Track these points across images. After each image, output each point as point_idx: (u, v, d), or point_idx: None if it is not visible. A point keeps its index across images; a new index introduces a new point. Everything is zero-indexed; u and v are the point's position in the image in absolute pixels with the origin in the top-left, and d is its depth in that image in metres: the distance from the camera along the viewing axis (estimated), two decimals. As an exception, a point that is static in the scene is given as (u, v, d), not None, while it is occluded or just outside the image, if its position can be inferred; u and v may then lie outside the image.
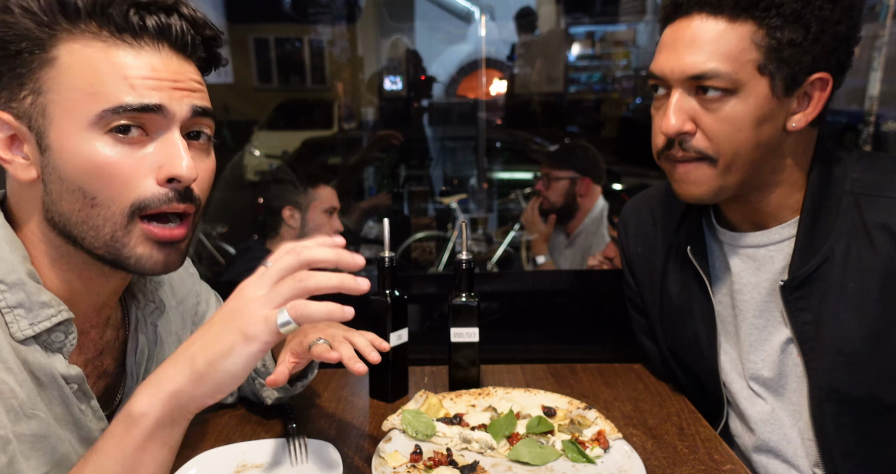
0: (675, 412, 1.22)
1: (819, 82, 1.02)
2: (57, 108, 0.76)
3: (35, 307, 0.79)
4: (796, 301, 1.09)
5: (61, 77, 0.76)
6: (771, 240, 1.13)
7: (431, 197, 4.21)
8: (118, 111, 0.75)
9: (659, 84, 1.07)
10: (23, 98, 0.77)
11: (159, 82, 0.78)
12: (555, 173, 2.82)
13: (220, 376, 0.72)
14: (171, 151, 0.79)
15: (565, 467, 1.02)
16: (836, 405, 1.07)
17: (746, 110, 1.00)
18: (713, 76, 0.99)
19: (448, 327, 1.27)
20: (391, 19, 4.70)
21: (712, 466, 1.03)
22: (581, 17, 4.90)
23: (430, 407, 1.16)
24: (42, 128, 0.77)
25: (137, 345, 0.98)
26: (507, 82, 4.70)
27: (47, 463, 0.81)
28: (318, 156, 4.18)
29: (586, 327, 1.83)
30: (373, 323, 1.24)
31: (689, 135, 1.04)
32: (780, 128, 1.04)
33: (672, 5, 1.04)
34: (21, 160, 0.79)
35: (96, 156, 0.76)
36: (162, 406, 0.72)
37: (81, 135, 0.76)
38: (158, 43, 0.79)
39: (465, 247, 1.25)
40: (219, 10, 4.34)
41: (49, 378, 0.82)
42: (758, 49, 0.98)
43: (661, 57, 1.05)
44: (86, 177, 0.76)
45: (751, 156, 1.04)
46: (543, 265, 2.82)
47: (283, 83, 4.98)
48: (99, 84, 0.75)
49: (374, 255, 3.48)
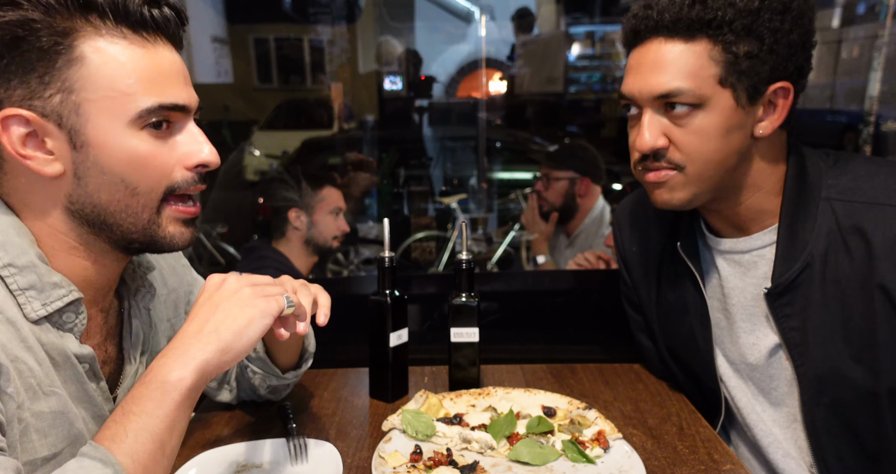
0: (675, 412, 1.22)
1: (781, 91, 1.05)
2: (93, 106, 0.80)
3: (47, 288, 0.83)
4: (781, 307, 1.10)
5: (93, 76, 0.80)
6: (752, 245, 1.15)
7: (431, 197, 4.22)
8: (155, 110, 0.83)
9: (630, 104, 1.12)
10: (49, 96, 0.79)
11: (178, 79, 0.86)
12: (554, 173, 2.82)
13: (242, 344, 0.85)
14: (194, 140, 0.89)
15: (565, 467, 1.03)
16: (826, 411, 1.08)
17: (714, 122, 1.04)
18: (678, 93, 1.04)
19: (448, 327, 1.27)
20: (391, 19, 4.70)
21: (712, 466, 1.03)
22: (581, 17, 4.90)
23: (430, 407, 1.16)
24: (77, 126, 0.81)
25: (132, 329, 1.01)
26: (506, 82, 4.70)
27: (65, 439, 0.84)
28: (318, 156, 4.19)
29: (586, 327, 1.84)
30: (373, 323, 1.24)
31: (664, 149, 1.08)
32: (749, 135, 1.07)
33: (632, 32, 1.09)
34: (44, 156, 0.81)
35: (138, 150, 0.83)
36: (193, 373, 0.81)
37: (122, 131, 0.82)
38: (164, 37, 0.85)
39: (465, 247, 1.25)
40: (219, 10, 4.34)
41: (63, 357, 0.85)
42: (716, 64, 1.02)
43: (629, 79, 1.10)
44: (129, 169, 0.84)
45: (723, 163, 1.07)
46: (543, 265, 2.82)
47: (283, 83, 4.98)
48: (134, 84, 0.81)
49: (374, 255, 3.48)
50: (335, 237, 2.44)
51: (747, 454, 1.23)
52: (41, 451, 0.81)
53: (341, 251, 3.49)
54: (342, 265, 3.62)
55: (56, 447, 0.83)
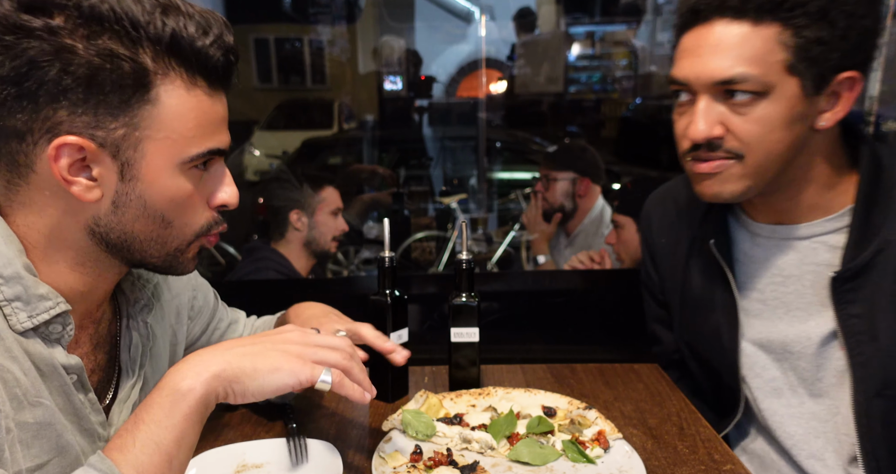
0: (675, 412, 1.22)
1: (847, 81, 1.01)
2: (152, 145, 0.82)
3: (33, 300, 0.81)
4: (846, 293, 1.07)
5: (161, 117, 0.81)
6: (813, 231, 1.12)
7: (431, 197, 4.22)
8: (205, 155, 0.86)
9: (682, 89, 1.06)
10: (113, 128, 0.79)
11: (225, 124, 0.90)
12: (554, 173, 2.82)
13: (254, 384, 0.83)
14: (222, 180, 0.92)
15: (565, 467, 1.03)
16: (887, 401, 1.04)
17: (778, 111, 0.99)
18: (742, 80, 0.98)
19: (448, 327, 1.27)
20: (391, 19, 4.69)
21: (712, 466, 1.03)
22: (581, 17, 4.90)
23: (430, 407, 1.16)
24: (131, 160, 0.82)
25: (131, 341, 1.00)
26: (507, 82, 4.70)
27: (50, 451, 0.82)
28: (319, 157, 4.18)
29: (586, 327, 1.84)
30: (373, 323, 1.24)
31: (720, 139, 1.03)
32: (809, 126, 1.03)
33: (690, 12, 1.03)
34: (87, 182, 0.81)
35: (181, 189, 0.86)
36: (204, 385, 0.80)
37: (172, 171, 0.84)
38: (224, 85, 0.88)
39: (465, 247, 1.25)
40: (219, 10, 4.33)
41: (50, 368, 0.84)
42: (785, 49, 0.96)
43: (683, 63, 1.04)
44: (170, 206, 0.86)
45: (782, 156, 1.03)
46: (543, 265, 2.82)
47: (283, 83, 4.98)
48: (195, 129, 0.84)
49: (375, 255, 3.48)
50: (335, 238, 2.44)
51: (762, 452, 1.21)
52: (24, 462, 0.80)
53: (341, 251, 3.49)
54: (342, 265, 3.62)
55: (40, 458, 0.81)
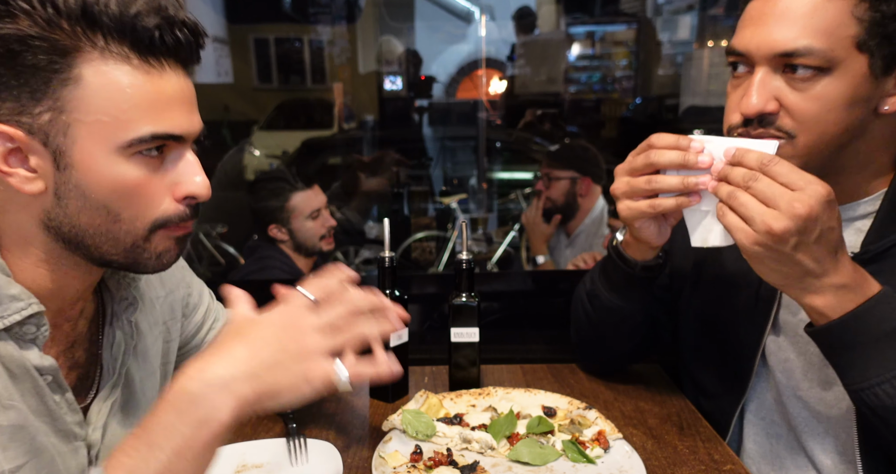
0: (675, 412, 1.22)
1: None
2: (83, 128, 0.76)
3: (4, 300, 0.79)
4: None
5: (89, 99, 0.75)
6: (846, 215, 1.05)
7: (431, 197, 4.22)
8: (148, 140, 0.78)
9: (739, 61, 1.01)
10: (38, 113, 0.75)
11: (180, 106, 0.81)
12: (555, 173, 2.82)
13: (274, 404, 0.78)
14: (186, 170, 0.83)
15: (565, 467, 1.03)
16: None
17: (840, 90, 0.93)
18: (806, 53, 0.91)
19: (448, 327, 1.27)
20: (391, 19, 4.70)
21: (712, 466, 1.03)
22: (581, 17, 4.90)
23: (430, 407, 1.16)
24: (62, 147, 0.77)
25: (114, 339, 0.97)
26: (507, 82, 4.70)
27: (25, 454, 0.81)
28: (319, 157, 4.18)
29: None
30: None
31: (773, 115, 0.97)
32: (871, 110, 0.96)
33: None
34: (25, 173, 0.78)
35: (124, 178, 0.78)
36: (230, 411, 0.75)
37: (109, 157, 0.77)
38: (175, 62, 0.80)
39: (465, 247, 1.25)
40: (219, 10, 4.34)
41: (22, 369, 0.81)
42: (859, 23, 0.90)
43: (745, 32, 0.97)
44: (113, 196, 0.79)
45: (837, 138, 0.96)
46: (543, 265, 2.82)
47: (283, 83, 4.98)
48: (131, 110, 0.77)
49: (375, 255, 3.48)
50: (322, 237, 2.43)
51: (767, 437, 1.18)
52: (4, 464, 0.78)
53: (341, 251, 3.49)
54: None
55: (18, 460, 0.80)
